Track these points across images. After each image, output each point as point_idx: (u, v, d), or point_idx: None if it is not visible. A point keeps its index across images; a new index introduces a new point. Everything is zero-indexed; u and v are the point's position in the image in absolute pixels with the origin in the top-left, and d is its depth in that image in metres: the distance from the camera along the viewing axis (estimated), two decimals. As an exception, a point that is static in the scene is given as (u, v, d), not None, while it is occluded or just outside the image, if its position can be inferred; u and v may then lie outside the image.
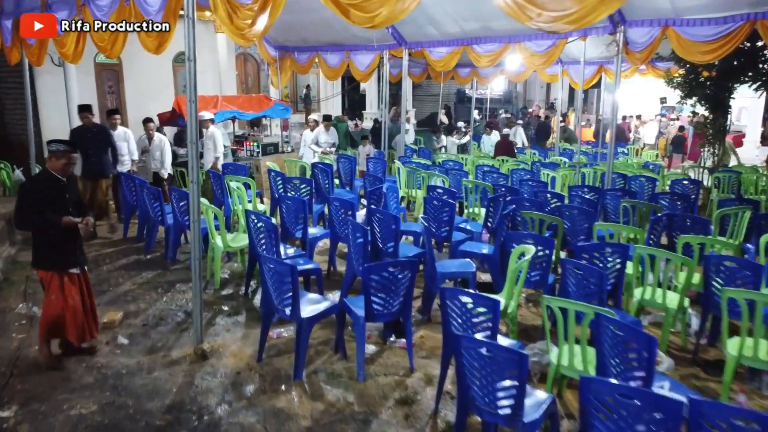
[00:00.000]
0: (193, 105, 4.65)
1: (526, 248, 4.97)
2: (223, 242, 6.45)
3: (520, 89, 27.38)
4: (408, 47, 11.64)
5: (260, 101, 12.68)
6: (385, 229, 6.08)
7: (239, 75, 20.31)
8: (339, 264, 7.26)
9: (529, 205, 7.09)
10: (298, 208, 6.70)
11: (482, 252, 6.41)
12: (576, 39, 9.46)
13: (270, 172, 8.51)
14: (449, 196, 7.53)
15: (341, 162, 10.19)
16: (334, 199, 6.71)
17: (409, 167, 9.51)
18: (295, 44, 13.55)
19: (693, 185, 9.16)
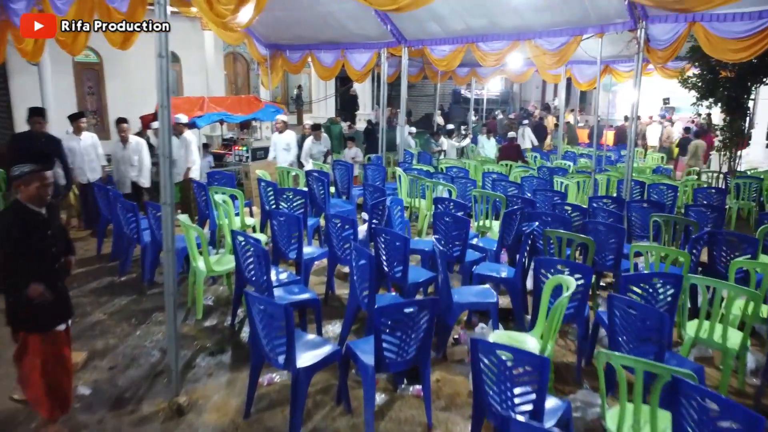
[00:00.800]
0: (165, 111, 3.78)
1: (564, 280, 4.15)
2: (206, 265, 5.59)
3: (516, 90, 26.59)
4: (408, 45, 10.80)
5: (250, 103, 11.82)
6: (392, 251, 5.25)
7: (228, 75, 19.40)
8: (338, 286, 6.43)
9: (550, 220, 6.28)
10: (292, 226, 5.85)
11: (501, 275, 5.59)
12: (592, 36, 8.66)
13: (260, 182, 7.64)
14: (460, 210, 6.71)
15: (337, 169, 9.34)
16: (333, 215, 5.85)
17: (411, 175, 8.67)
18: (287, 42, 12.68)
19: (718, 194, 8.39)
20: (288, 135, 10.41)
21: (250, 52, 13.12)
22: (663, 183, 8.76)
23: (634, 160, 15.19)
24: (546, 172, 10.66)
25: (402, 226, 6.68)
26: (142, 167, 8.35)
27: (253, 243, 4.85)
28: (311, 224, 7.21)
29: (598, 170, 11.51)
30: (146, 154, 8.40)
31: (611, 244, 5.77)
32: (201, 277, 5.59)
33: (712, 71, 9.97)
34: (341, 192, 9.28)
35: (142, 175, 8.36)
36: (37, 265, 3.60)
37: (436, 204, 6.89)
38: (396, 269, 5.26)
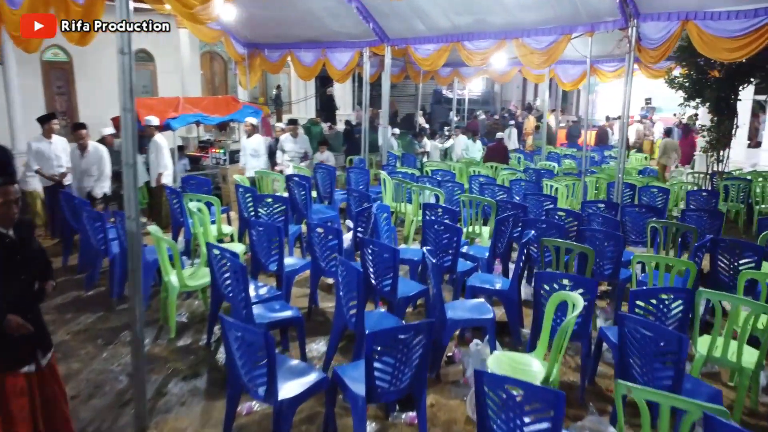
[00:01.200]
0: (129, 114, 3.35)
1: (569, 297, 3.80)
2: (179, 280, 5.15)
3: (497, 90, 26.36)
4: (391, 44, 10.43)
5: (227, 103, 11.32)
6: (380, 263, 4.86)
7: (205, 75, 18.86)
8: (322, 298, 6.03)
9: (545, 227, 5.94)
10: (272, 236, 5.43)
11: (495, 287, 5.24)
12: (582, 34, 8.36)
13: (238, 188, 7.20)
14: (450, 217, 6.34)
15: (319, 172, 8.92)
16: (316, 225, 5.45)
17: (396, 179, 8.29)
18: (266, 41, 12.24)
19: (711, 197, 8.15)
20: (255, 140, 9.61)
21: (228, 51, 12.64)
22: (654, 185, 8.49)
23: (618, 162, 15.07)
24: (532, 174, 10.37)
25: (389, 235, 6.30)
26: (101, 176, 7.65)
27: (230, 258, 4.43)
28: (293, 232, 6.79)
29: (588, 172, 11.25)
30: (107, 162, 7.70)
31: (610, 253, 5.46)
32: (174, 292, 5.14)
33: (701, 71, 9.74)
34: (323, 197, 8.87)
35: (99, 185, 7.64)
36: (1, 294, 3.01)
37: (425, 210, 6.52)
38: (384, 283, 4.88)
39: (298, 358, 4.75)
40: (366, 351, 3.27)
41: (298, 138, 10.27)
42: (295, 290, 6.07)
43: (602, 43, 9.26)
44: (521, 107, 26.30)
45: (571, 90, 14.84)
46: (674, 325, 4.00)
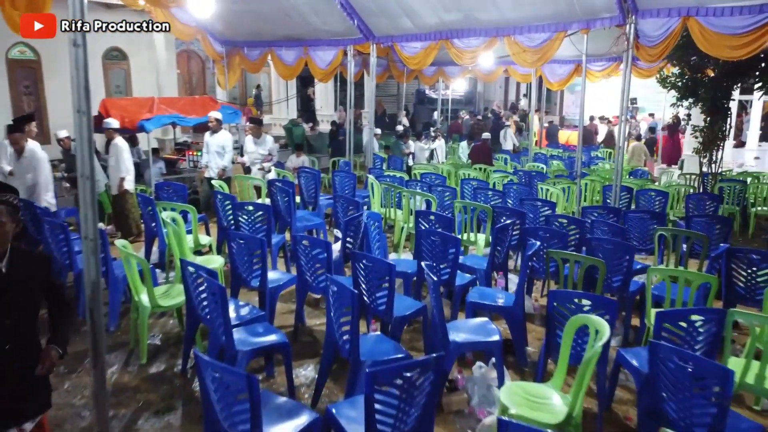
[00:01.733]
0: (84, 118, 2.83)
1: (592, 322, 3.36)
2: (150, 300, 4.61)
3: (480, 90, 26.01)
4: (376, 42, 9.94)
5: (204, 104, 10.75)
6: (375, 279, 4.39)
7: (182, 75, 18.21)
8: (309, 314, 5.54)
9: (548, 236, 5.51)
10: (253, 249, 4.92)
11: (498, 303, 4.79)
12: (577, 32, 7.96)
13: (216, 195, 6.67)
14: (445, 225, 5.89)
15: (302, 176, 8.40)
16: (302, 237, 4.95)
17: (385, 183, 7.81)
18: (245, 38, 11.68)
19: (712, 201, 7.80)
20: (222, 136, 8.76)
21: (205, 49, 12.07)
22: (652, 188, 8.13)
23: (605, 163, 14.75)
24: (523, 176, 9.97)
25: (381, 245, 5.83)
26: (38, 185, 6.78)
27: (207, 278, 3.91)
28: (276, 242, 6.28)
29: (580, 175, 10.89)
30: (43, 169, 6.82)
31: (619, 264, 5.04)
32: (145, 313, 4.61)
33: (697, 69, 9.42)
34: (307, 202, 8.36)
35: (37, 192, 6.77)
36: None
37: (418, 218, 6.05)
38: (379, 301, 4.41)
39: (284, 386, 4.27)
40: (366, 390, 2.79)
41: (261, 139, 9.28)
42: (280, 305, 5.57)
43: (593, 41, 8.86)
44: (503, 107, 26.01)
45: (558, 90, 14.52)
46: (703, 350, 3.59)
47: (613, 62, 12.81)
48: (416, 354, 4.84)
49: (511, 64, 13.88)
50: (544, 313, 5.71)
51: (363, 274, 4.48)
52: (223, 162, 8.68)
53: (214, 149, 8.68)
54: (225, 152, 8.69)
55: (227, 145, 8.73)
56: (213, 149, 8.69)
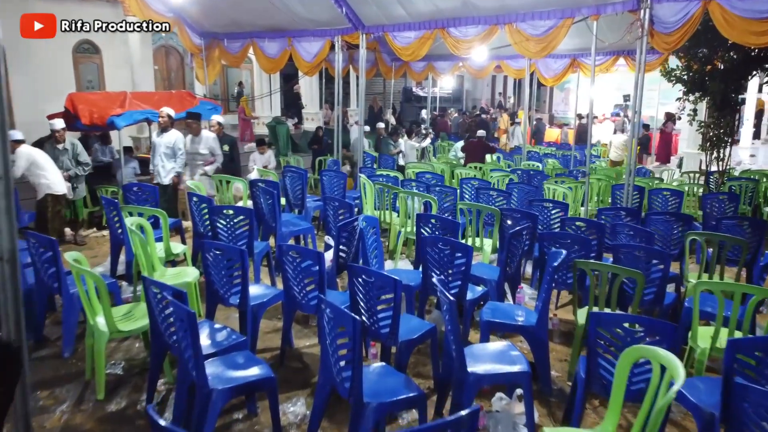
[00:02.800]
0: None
1: (657, 356, 2.66)
2: (108, 324, 3.84)
3: (468, 87, 25.37)
4: (366, 32, 9.21)
5: (181, 99, 9.93)
6: (377, 299, 3.67)
7: (160, 71, 17.34)
8: (297, 333, 4.80)
9: (569, 242, 4.83)
10: (233, 261, 4.17)
11: (517, 322, 4.09)
12: (585, 18, 7.30)
13: (191, 198, 5.89)
14: (450, 230, 5.18)
15: (288, 176, 7.64)
16: (288, 247, 4.20)
17: (379, 183, 7.07)
18: (225, 30, 10.89)
19: (730, 201, 7.18)
20: (172, 136, 7.68)
21: (182, 41, 11.24)
22: (666, 188, 7.50)
23: (601, 161, 14.15)
24: (522, 175, 9.30)
25: (379, 254, 5.10)
26: None
27: (174, 302, 3.15)
28: (259, 251, 5.52)
29: (579, 174, 10.25)
30: None
31: (653, 275, 4.37)
32: (102, 340, 3.83)
33: (706, 61, 8.81)
34: (293, 204, 7.60)
35: None
36: None
37: (420, 223, 5.33)
38: (382, 323, 3.68)
39: (269, 426, 3.53)
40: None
41: (199, 137, 7.96)
42: (264, 323, 4.82)
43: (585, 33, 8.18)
44: (491, 105, 25.42)
45: (553, 85, 13.88)
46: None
47: (610, 56, 12.24)
48: (422, 382, 4.13)
49: (503, 59, 13.26)
50: (563, 329, 5.06)
51: (362, 291, 3.75)
52: (175, 166, 7.65)
53: (163, 151, 7.62)
54: (176, 154, 7.65)
55: (178, 146, 7.66)
56: (161, 151, 7.63)
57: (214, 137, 8.23)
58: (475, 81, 25.84)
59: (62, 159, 7.39)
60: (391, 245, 6.74)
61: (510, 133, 15.47)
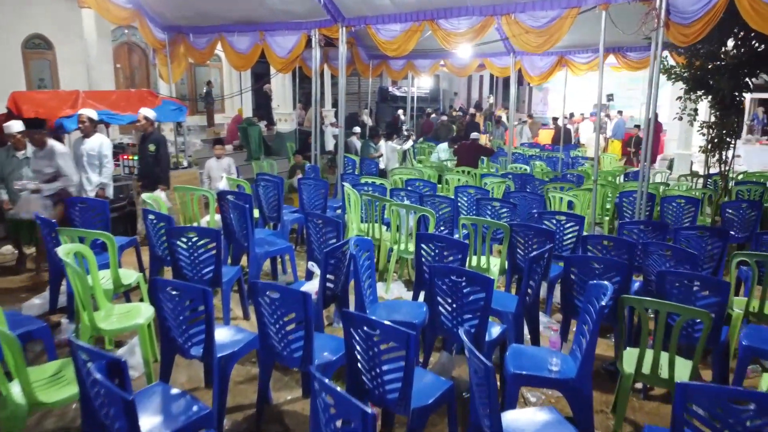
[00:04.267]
0: None
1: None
2: (25, 393, 2.86)
3: (446, 87, 24.55)
4: (346, 24, 8.28)
5: (142, 98, 8.88)
6: (382, 356, 2.78)
7: (123, 69, 16.13)
8: (276, 382, 3.87)
9: (603, 267, 3.99)
10: (195, 303, 3.23)
11: (552, 374, 3.23)
12: (594, 7, 6.50)
13: (146, 215, 4.90)
14: (458, 251, 4.31)
15: (261, 185, 6.68)
16: (265, 286, 3.26)
17: (366, 194, 6.15)
18: (190, 23, 9.84)
19: (751, 209, 6.48)
20: (96, 141, 6.52)
21: (143, 36, 10.14)
22: (681, 195, 6.77)
23: (588, 162, 13.45)
24: (516, 180, 8.50)
25: (373, 284, 4.20)
26: None
27: (104, 382, 2.21)
28: (228, 279, 4.57)
29: (573, 178, 9.49)
30: None
31: (709, 308, 3.55)
32: (18, 415, 2.86)
33: (714, 57, 8.12)
34: (268, 218, 6.65)
35: None
36: None
37: (421, 244, 4.44)
38: (388, 387, 2.80)
39: None
40: None
41: (45, 151, 5.93)
42: (236, 371, 3.88)
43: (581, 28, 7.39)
44: (468, 105, 24.69)
45: (539, 84, 13.12)
46: None
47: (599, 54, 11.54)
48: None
49: (487, 56, 12.47)
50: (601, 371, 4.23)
51: (363, 346, 2.85)
52: (100, 177, 6.53)
53: (86, 160, 6.45)
54: (102, 163, 6.51)
55: (104, 153, 6.52)
56: (85, 161, 6.45)
57: (65, 150, 6.17)
58: (452, 80, 25.09)
59: (21, 171, 6.03)
60: (380, 264, 5.84)
61: (518, 132, 14.87)
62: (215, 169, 8.22)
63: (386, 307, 4.15)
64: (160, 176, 6.87)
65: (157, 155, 6.86)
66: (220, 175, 7.95)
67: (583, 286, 3.96)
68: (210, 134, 16.06)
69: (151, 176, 6.92)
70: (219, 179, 7.77)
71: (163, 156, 6.92)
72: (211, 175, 8.25)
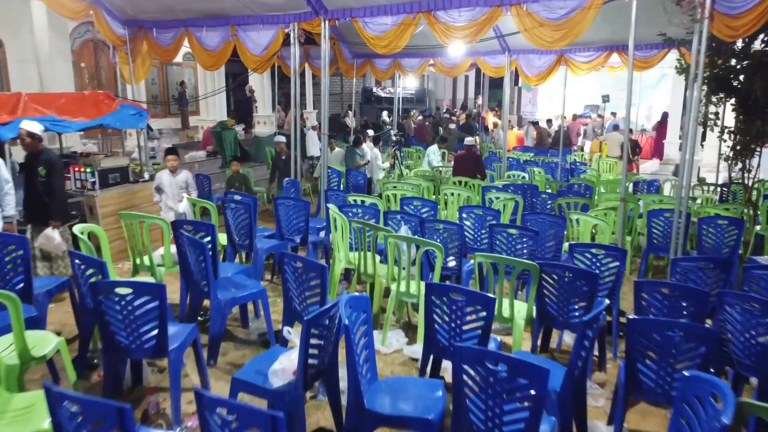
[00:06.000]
0: None
1: None
2: None
3: (431, 87, 23.42)
4: (329, 17, 7.13)
5: (97, 101, 7.59)
6: None
7: (88, 68, 14.79)
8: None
9: (681, 335, 2.91)
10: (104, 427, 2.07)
11: None
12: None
13: (73, 259, 3.70)
14: (483, 306, 3.20)
15: (229, 209, 5.49)
16: (217, 401, 2.11)
17: (357, 222, 4.98)
18: (153, 17, 8.61)
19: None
20: None
21: (100, 30, 8.86)
22: (721, 215, 5.73)
23: (591, 169, 12.42)
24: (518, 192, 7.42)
25: (371, 357, 3.08)
26: None
27: None
28: (179, 345, 3.40)
29: (582, 189, 8.43)
30: None
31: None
32: None
33: (745, 55, 7.12)
34: (238, 246, 5.48)
35: None
36: None
37: (432, 296, 3.32)
38: None
39: None
40: None
41: None
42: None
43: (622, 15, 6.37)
44: (453, 105, 23.64)
45: (536, 85, 12.10)
46: None
47: (602, 52, 10.53)
48: None
49: (479, 55, 11.40)
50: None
51: None
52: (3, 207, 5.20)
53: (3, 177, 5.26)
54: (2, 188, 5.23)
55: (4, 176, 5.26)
56: None
57: None
58: (437, 80, 24.00)
59: None
60: (374, 306, 4.71)
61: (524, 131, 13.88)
62: (168, 185, 6.50)
63: (390, 390, 3.02)
64: (53, 208, 5.24)
65: (49, 181, 5.23)
66: (175, 193, 6.44)
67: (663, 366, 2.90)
68: (183, 138, 14.77)
69: (40, 208, 5.27)
70: (174, 198, 6.41)
71: (56, 183, 5.28)
72: (164, 190, 6.56)
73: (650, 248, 6.01)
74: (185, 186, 6.43)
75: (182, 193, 6.35)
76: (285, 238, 5.73)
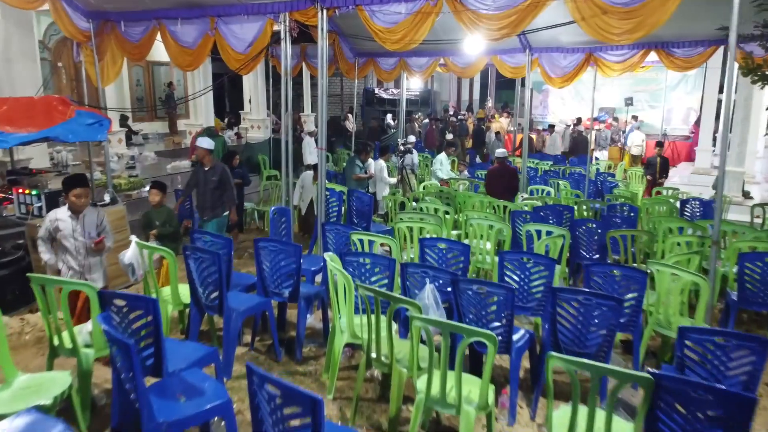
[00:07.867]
0: None
1: None
2: None
3: (437, 88, 21.83)
4: (327, 6, 5.62)
5: (49, 108, 6.13)
6: None
7: (66, 68, 13.34)
8: None
9: None
10: None
11: None
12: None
13: None
14: None
15: (192, 259, 4.00)
16: None
17: (364, 288, 3.46)
18: (120, 8, 7.12)
19: None
20: None
21: (59, 25, 7.34)
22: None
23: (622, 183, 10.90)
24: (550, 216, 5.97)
25: None
26: None
27: None
28: None
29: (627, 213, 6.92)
30: None
31: None
32: None
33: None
34: (206, 306, 4.00)
35: None
36: None
37: None
38: None
39: None
40: None
41: None
42: None
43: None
44: (459, 108, 22.13)
45: (561, 87, 10.66)
46: None
47: (638, 50, 9.03)
48: None
49: (497, 53, 9.91)
50: None
51: None
52: None
53: None
54: None
55: None
56: None
57: None
58: (442, 81, 22.47)
59: None
60: (392, 408, 3.23)
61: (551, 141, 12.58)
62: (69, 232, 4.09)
63: None
64: None
65: None
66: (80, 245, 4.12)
67: None
68: (169, 144, 13.25)
69: None
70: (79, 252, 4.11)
71: None
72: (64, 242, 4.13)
73: (741, 301, 4.54)
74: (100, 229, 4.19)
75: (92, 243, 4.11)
76: (270, 293, 4.25)
